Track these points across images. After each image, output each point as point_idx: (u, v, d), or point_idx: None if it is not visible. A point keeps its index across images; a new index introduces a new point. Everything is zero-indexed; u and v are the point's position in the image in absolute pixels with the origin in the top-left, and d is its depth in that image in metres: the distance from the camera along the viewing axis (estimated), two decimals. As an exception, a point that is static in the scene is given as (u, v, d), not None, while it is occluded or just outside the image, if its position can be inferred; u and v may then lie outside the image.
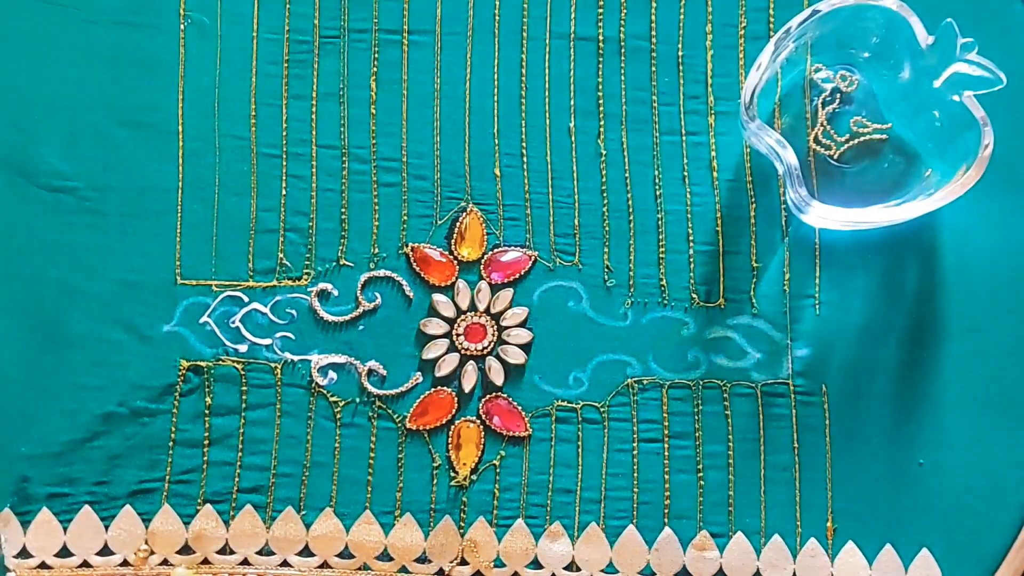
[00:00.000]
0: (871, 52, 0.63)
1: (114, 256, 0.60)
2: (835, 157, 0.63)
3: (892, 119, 0.63)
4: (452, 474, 0.60)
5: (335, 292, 0.61)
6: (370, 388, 0.60)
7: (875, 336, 0.61)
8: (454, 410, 0.60)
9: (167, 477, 0.58)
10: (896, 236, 0.62)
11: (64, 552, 0.57)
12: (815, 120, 0.63)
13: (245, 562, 0.58)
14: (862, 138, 0.63)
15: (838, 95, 0.64)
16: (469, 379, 0.60)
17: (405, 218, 0.62)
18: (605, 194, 0.63)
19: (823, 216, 0.59)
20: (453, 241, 0.62)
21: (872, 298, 0.62)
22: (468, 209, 0.62)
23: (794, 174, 0.58)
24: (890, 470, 0.60)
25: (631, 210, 0.62)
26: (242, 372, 0.60)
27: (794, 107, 0.64)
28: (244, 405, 0.59)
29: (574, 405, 0.61)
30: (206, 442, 0.59)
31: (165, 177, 0.61)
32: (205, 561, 0.58)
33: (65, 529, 0.57)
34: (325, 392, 0.60)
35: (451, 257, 0.61)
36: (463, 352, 0.61)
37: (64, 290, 0.59)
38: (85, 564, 0.57)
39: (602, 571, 0.59)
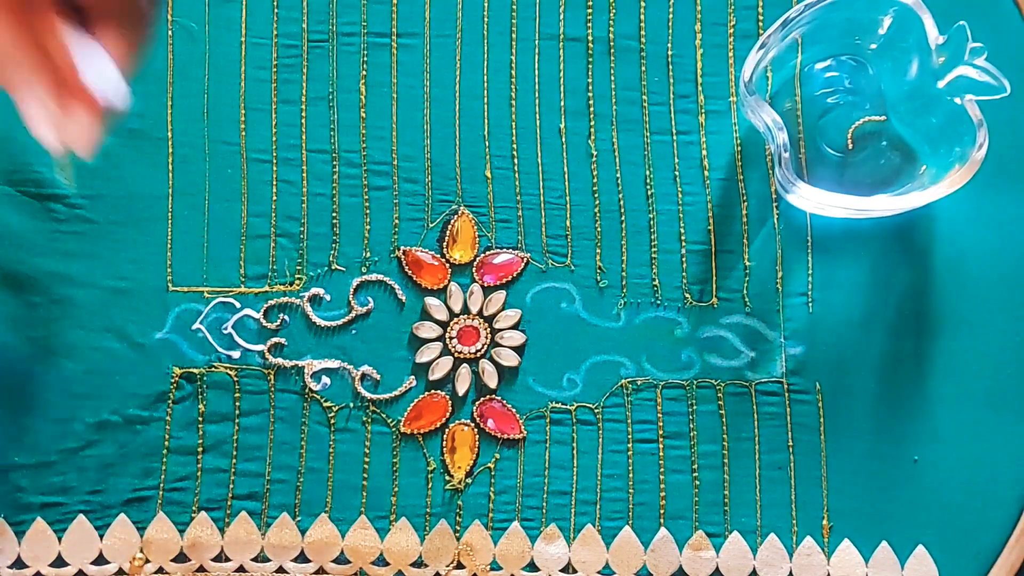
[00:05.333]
0: (879, 45, 0.63)
1: (105, 264, 0.60)
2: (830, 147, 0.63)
3: (893, 114, 0.63)
4: (447, 478, 0.59)
5: (327, 297, 0.61)
6: (364, 393, 0.60)
7: (868, 333, 0.62)
8: (448, 414, 0.60)
9: (161, 485, 0.58)
10: (889, 233, 0.62)
11: (59, 562, 0.57)
12: (807, 112, 0.64)
13: (241, 569, 0.58)
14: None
15: (837, 86, 0.64)
16: (463, 382, 0.60)
17: (396, 222, 0.62)
18: (596, 195, 0.62)
19: (806, 197, 0.59)
20: (445, 244, 0.62)
21: (865, 295, 0.62)
22: (459, 212, 0.62)
23: (782, 153, 0.58)
24: (885, 467, 0.60)
25: (623, 210, 0.62)
26: (235, 378, 0.60)
27: (787, 97, 0.64)
28: (237, 412, 0.59)
29: (568, 407, 0.60)
30: (200, 449, 0.59)
31: (155, 184, 0.61)
32: (201, 569, 0.57)
33: (60, 539, 0.57)
34: (319, 397, 0.60)
35: (443, 260, 0.61)
36: (456, 355, 0.60)
37: (55, 299, 0.59)
38: (80, 574, 0.57)
39: (599, 573, 0.59)
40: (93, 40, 0.44)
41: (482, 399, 0.60)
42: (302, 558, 0.58)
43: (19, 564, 0.57)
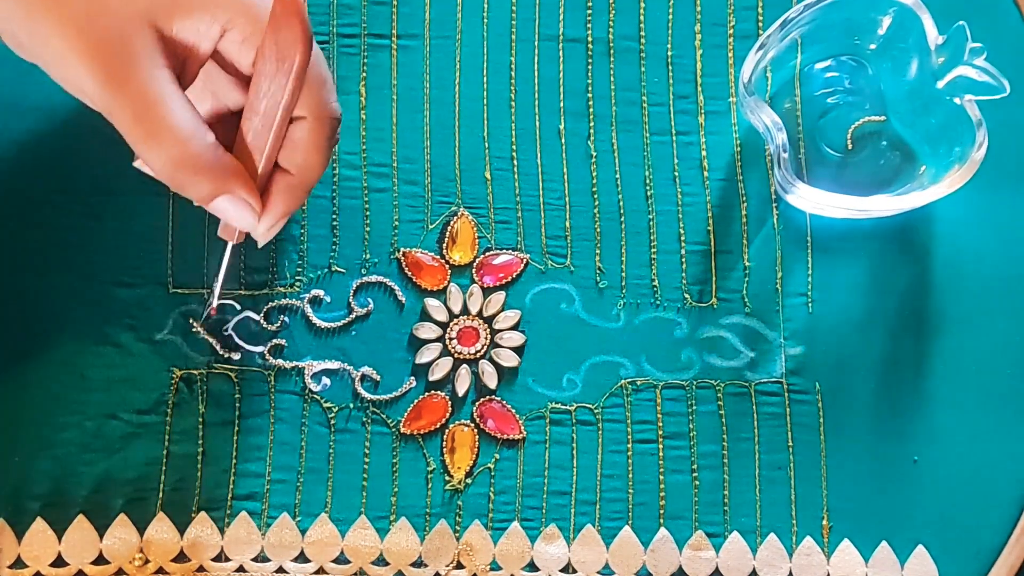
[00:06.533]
0: (878, 45, 0.63)
1: (105, 264, 0.60)
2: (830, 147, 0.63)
3: (892, 114, 0.63)
4: (447, 478, 0.60)
5: (327, 298, 0.61)
6: (364, 393, 0.60)
7: (868, 333, 0.62)
8: (448, 414, 0.60)
9: (161, 485, 0.58)
10: (888, 234, 0.62)
11: (59, 562, 0.57)
12: (807, 112, 0.64)
13: (241, 569, 0.58)
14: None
15: (837, 87, 0.64)
16: (462, 383, 0.60)
17: (396, 223, 0.62)
18: (596, 195, 0.63)
19: (806, 197, 0.59)
20: (444, 245, 0.62)
21: (865, 295, 0.62)
22: (459, 213, 0.62)
23: (781, 153, 0.59)
24: (885, 467, 0.60)
25: (622, 211, 0.62)
26: (235, 380, 0.60)
27: (787, 97, 0.64)
28: (238, 412, 0.59)
29: (568, 407, 0.61)
30: (200, 450, 0.59)
31: (157, 185, 0.61)
32: (201, 569, 0.58)
33: (60, 539, 0.57)
34: (319, 398, 0.60)
35: (443, 261, 0.61)
36: (456, 356, 0.61)
37: (56, 299, 0.59)
38: (80, 574, 0.57)
39: (598, 573, 0.59)
40: None
41: (482, 399, 0.60)
42: (302, 558, 0.58)
43: (19, 564, 0.57)
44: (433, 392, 0.60)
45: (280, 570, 0.58)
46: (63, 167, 0.61)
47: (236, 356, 0.60)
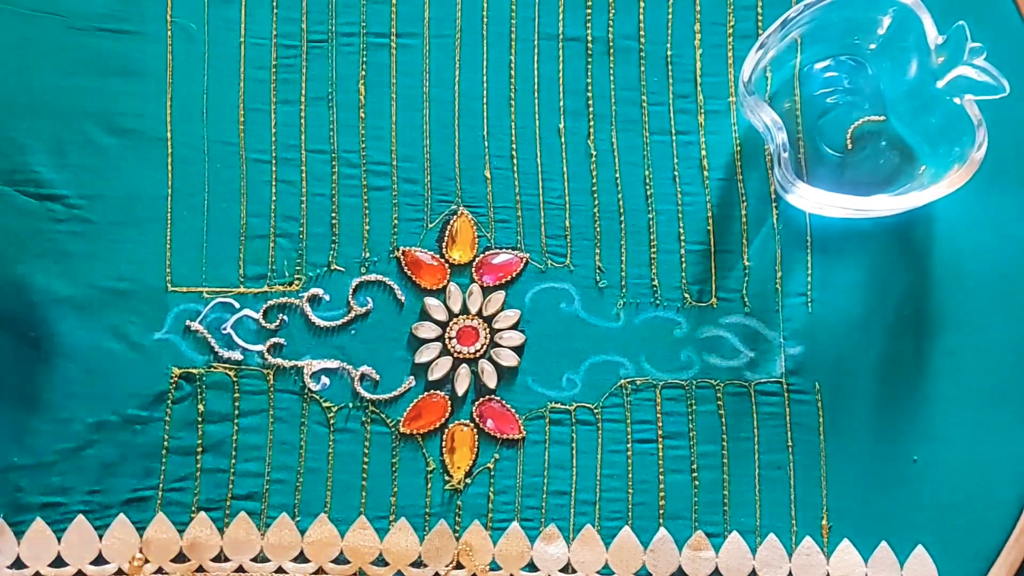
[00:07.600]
0: (878, 44, 0.63)
1: (104, 264, 0.60)
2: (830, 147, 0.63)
3: (892, 114, 0.63)
4: (446, 478, 0.60)
5: (326, 297, 0.61)
6: (363, 393, 0.60)
7: (868, 333, 0.62)
8: (447, 414, 0.60)
9: (161, 485, 0.58)
10: (888, 233, 0.62)
11: (58, 562, 0.57)
12: (807, 112, 0.64)
13: (240, 569, 0.58)
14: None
15: (836, 86, 0.64)
16: (462, 382, 0.60)
17: (396, 222, 0.62)
18: (596, 195, 0.63)
19: (805, 197, 0.59)
20: (444, 244, 0.62)
21: (864, 295, 0.62)
22: (459, 212, 0.62)
23: (781, 153, 0.58)
24: (884, 467, 0.60)
25: (622, 210, 0.62)
26: (234, 379, 0.60)
27: (787, 97, 0.64)
28: (237, 412, 0.59)
29: (567, 407, 0.61)
30: (199, 449, 0.59)
31: (154, 184, 0.61)
32: (200, 569, 0.57)
33: (59, 539, 0.57)
34: (318, 397, 0.60)
35: (442, 260, 0.61)
36: (456, 355, 0.61)
37: (54, 299, 0.59)
38: (80, 574, 0.57)
39: (598, 573, 0.59)
40: None
41: (481, 399, 0.60)
42: (301, 558, 0.58)
43: (18, 564, 0.57)
44: (432, 392, 0.60)
45: (279, 570, 0.58)
46: (62, 167, 0.61)
47: (235, 355, 0.60)
